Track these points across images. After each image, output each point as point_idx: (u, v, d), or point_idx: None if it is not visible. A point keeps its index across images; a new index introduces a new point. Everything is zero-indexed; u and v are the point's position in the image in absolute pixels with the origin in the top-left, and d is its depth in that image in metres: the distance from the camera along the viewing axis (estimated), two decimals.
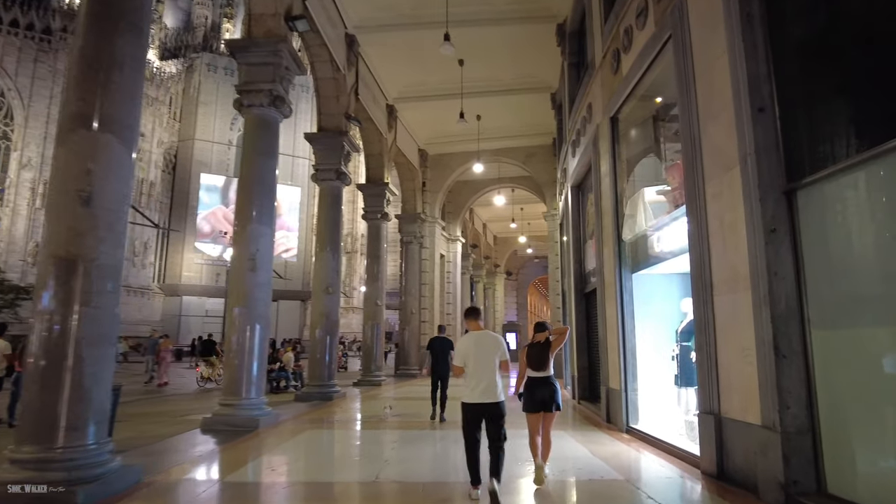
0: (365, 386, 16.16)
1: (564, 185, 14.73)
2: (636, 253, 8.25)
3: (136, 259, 47.22)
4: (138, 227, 47.04)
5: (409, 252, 21.25)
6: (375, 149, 17.59)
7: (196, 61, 57.61)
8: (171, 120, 54.41)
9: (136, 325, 44.22)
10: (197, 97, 56.02)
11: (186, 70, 57.27)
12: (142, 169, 47.98)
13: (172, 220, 53.04)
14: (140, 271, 47.78)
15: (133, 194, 40.12)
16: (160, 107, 51.42)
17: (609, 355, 9.19)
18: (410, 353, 20.55)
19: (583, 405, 11.59)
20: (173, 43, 64.88)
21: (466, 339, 5.08)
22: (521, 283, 46.13)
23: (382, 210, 17.41)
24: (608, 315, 9.24)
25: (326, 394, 12.60)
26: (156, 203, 49.68)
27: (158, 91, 51.17)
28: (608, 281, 9.23)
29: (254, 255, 9.01)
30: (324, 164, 13.64)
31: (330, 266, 13.13)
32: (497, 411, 4.83)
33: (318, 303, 13.09)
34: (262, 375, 9.10)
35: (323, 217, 13.50)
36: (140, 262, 47.80)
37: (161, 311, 51.16)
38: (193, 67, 57.36)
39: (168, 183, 54.52)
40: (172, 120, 54.75)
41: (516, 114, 19.71)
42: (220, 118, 55.95)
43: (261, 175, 9.44)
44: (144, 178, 48.25)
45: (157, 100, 50.83)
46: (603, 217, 9.60)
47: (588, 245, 12.00)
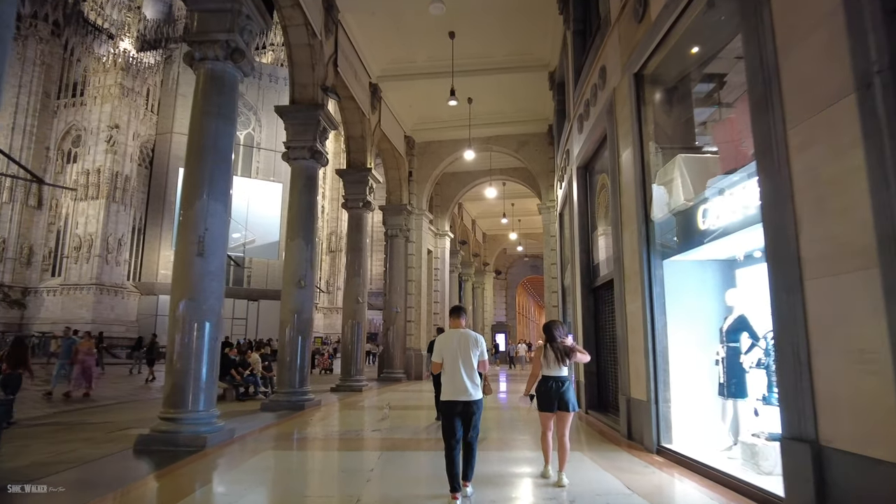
0: (344, 392, 14.58)
1: (566, 170, 13.26)
2: (670, 234, 6.75)
3: (109, 256, 45.19)
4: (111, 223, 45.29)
5: (395, 246, 19.67)
6: (357, 130, 16.02)
7: (175, 52, 55.48)
8: (149, 112, 52.32)
9: (110, 325, 42.32)
10: (176, 89, 53.92)
11: (165, 61, 55.16)
12: (116, 162, 45.95)
13: (149, 216, 51.01)
14: (113, 269, 45.71)
15: (109, 188, 38.02)
16: (136, 98, 49.33)
17: (631, 359, 7.70)
18: (395, 355, 18.97)
19: (592, 416, 10.10)
20: (153, 35, 62.76)
21: (446, 336, 5.14)
22: (510, 282, 44.72)
23: (365, 198, 15.83)
24: (630, 311, 7.75)
25: (297, 402, 11.01)
26: (131, 198, 47.58)
27: (135, 82, 49.10)
28: (630, 271, 7.74)
29: (202, 236, 7.41)
30: (296, 140, 12.06)
31: (302, 256, 11.54)
32: (473, 408, 4.89)
33: (289, 298, 11.49)
34: (212, 383, 7.51)
35: (295, 201, 11.90)
36: (113, 258, 45.73)
37: (136, 311, 49.12)
38: (172, 59, 55.17)
39: (145, 177, 52.43)
40: (150, 112, 52.66)
41: (510, 97, 18.23)
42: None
43: (214, 141, 7.85)
44: (119, 171, 46.19)
45: (133, 91, 48.76)
46: (622, 195, 8.12)
47: (598, 233, 10.52)
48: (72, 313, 43.20)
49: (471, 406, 4.86)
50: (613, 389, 9.68)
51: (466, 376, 4.88)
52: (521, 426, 9.61)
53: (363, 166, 15.94)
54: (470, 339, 5.04)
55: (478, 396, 4.91)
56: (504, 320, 41.08)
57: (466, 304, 32.45)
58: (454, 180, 24.24)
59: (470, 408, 4.86)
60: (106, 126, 46.27)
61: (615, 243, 8.32)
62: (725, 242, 5.75)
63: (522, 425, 9.65)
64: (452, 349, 4.97)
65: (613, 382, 9.61)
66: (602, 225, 10.20)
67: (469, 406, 4.86)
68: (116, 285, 45.94)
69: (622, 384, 8.01)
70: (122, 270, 47.22)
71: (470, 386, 4.87)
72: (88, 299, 43.99)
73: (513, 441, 8.30)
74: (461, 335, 5.06)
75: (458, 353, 4.94)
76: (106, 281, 44.83)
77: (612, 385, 9.74)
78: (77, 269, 44.36)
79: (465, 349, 4.96)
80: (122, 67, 47.84)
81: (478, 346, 5.03)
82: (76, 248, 44.55)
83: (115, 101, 46.95)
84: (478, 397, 4.91)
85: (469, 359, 4.93)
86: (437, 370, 5.08)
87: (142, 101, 50.60)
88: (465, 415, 4.86)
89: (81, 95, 49.60)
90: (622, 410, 7.87)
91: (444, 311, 23.84)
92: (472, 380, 4.90)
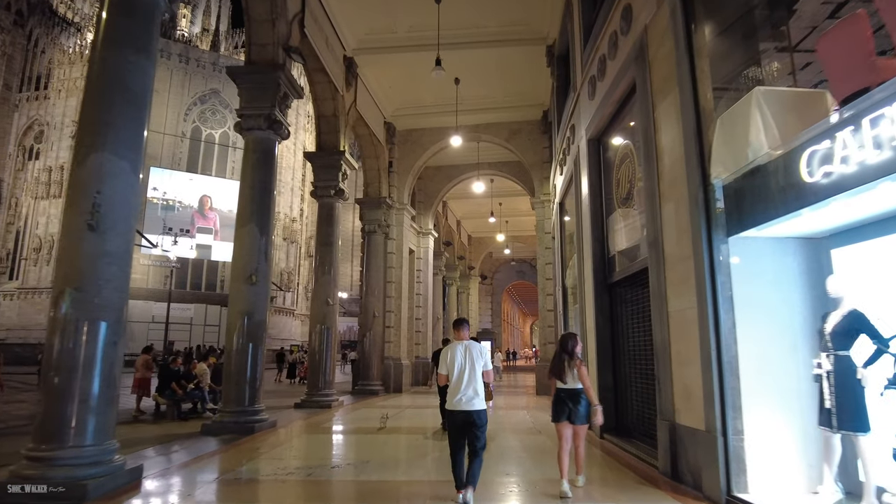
0: (309, 409, 12.50)
1: (569, 151, 11.40)
2: (745, 199, 4.85)
3: None
4: None
5: (373, 243, 17.63)
6: (328, 108, 14.03)
7: None
8: None
9: None
10: None
11: None
12: None
13: None
14: None
15: None
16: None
17: (676, 373, 5.81)
18: (372, 364, 16.89)
19: (609, 442, 8.17)
20: None
21: (451, 348, 5.13)
22: (495, 287, 42.84)
23: (337, 185, 13.81)
24: (674, 310, 5.87)
25: (246, 424, 8.96)
26: None
27: None
28: (674, 256, 5.87)
29: (96, 202, 5.39)
30: (251, 107, 10.08)
31: (255, 246, 9.52)
32: (478, 419, 4.88)
33: (237, 297, 9.45)
34: (107, 405, 5.44)
35: (248, 179, 9.89)
36: None
37: None
38: None
39: None
40: None
41: (501, 77, 16.39)
42: (173, 108, 51.51)
43: (121, 76, 5.84)
44: None
45: None
46: (661, 158, 6.25)
47: (616, 217, 8.64)
48: (29, 319, 40.54)
49: (475, 416, 4.88)
50: (637, 410, 7.80)
51: (471, 387, 4.92)
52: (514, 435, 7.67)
53: (335, 149, 13.95)
54: (474, 349, 5.09)
55: (482, 407, 4.94)
56: (490, 327, 39.12)
57: (450, 310, 30.47)
58: (439, 174, 22.32)
59: (474, 418, 4.87)
60: (71, 121, 43.67)
61: (650, 222, 6.42)
62: (843, 205, 3.87)
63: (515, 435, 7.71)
64: (457, 361, 5.02)
65: (639, 401, 7.72)
66: (622, 207, 8.32)
67: (473, 416, 4.87)
68: None
69: (662, 405, 6.09)
70: None
71: (474, 397, 4.91)
72: (47, 304, 41.11)
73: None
74: (465, 346, 5.10)
75: (464, 364, 4.99)
76: None
77: (637, 405, 7.85)
78: (36, 272, 41.71)
79: (469, 360, 5.01)
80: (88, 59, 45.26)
81: (482, 357, 5.09)
82: (36, 249, 41.92)
83: (81, 95, 44.08)
84: (482, 407, 4.94)
85: (474, 369, 4.98)
86: (444, 382, 5.13)
87: None
88: (469, 425, 4.87)
89: (45, 89, 46.99)
90: (663, 440, 5.95)
91: (427, 317, 21.92)
92: (476, 390, 4.93)
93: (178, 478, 6.14)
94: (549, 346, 17.02)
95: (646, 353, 7.39)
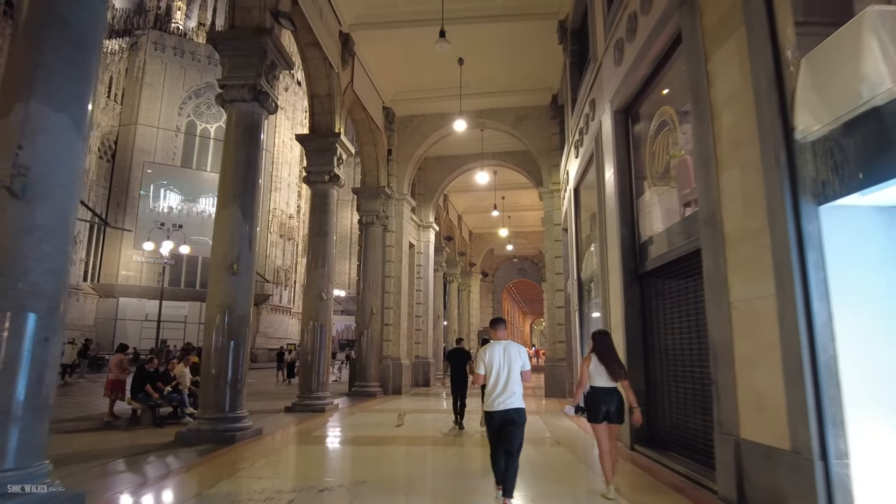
0: (300, 413, 11.40)
1: (590, 126, 10.32)
2: (847, 155, 3.76)
3: None
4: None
5: (370, 235, 16.54)
6: (322, 88, 12.93)
7: (141, 39, 51.91)
8: (112, 102, 48.60)
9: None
10: (141, 78, 50.24)
11: (130, 48, 51.46)
12: None
13: (110, 212, 47.25)
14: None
15: None
16: (97, 84, 45.39)
17: (743, 377, 4.73)
18: (369, 364, 15.80)
19: (641, 454, 7.10)
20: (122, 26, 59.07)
21: (490, 347, 5.06)
22: (496, 285, 41.71)
23: (332, 170, 12.70)
24: (737, 298, 4.79)
25: (226, 433, 7.88)
26: (88, 192, 43.72)
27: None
28: (738, 233, 4.80)
29: (19, 163, 4.29)
30: (234, 77, 8.98)
31: (237, 230, 8.42)
32: (518, 417, 4.84)
33: (217, 289, 8.36)
34: (37, 419, 4.34)
35: (230, 156, 8.78)
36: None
37: (94, 314, 45.35)
38: (139, 45, 51.60)
39: (106, 171, 48.62)
40: (113, 102, 48.94)
41: (508, 58, 15.27)
42: (167, 102, 50.38)
43: (57, 11, 4.73)
44: None
45: None
46: (717, 118, 5.17)
47: (648, 196, 7.56)
48: None
49: (514, 414, 4.84)
50: (677, 419, 6.74)
51: (510, 387, 4.88)
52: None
53: (330, 131, 12.84)
54: (513, 349, 5.03)
55: (520, 405, 4.87)
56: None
57: (451, 308, 29.39)
58: (440, 165, 21.23)
59: (513, 416, 4.83)
60: None
61: (705, 195, 5.33)
62: None
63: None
64: (496, 360, 4.95)
65: (679, 409, 6.65)
66: (657, 185, 7.23)
67: (512, 414, 4.83)
68: (70, 286, 41.73)
69: (722, 416, 5.00)
70: (78, 270, 43.32)
71: (513, 396, 4.87)
72: None
73: None
74: (504, 346, 5.04)
75: (503, 363, 4.93)
76: None
77: (676, 412, 6.78)
78: None
79: (508, 360, 4.93)
80: None
81: (520, 357, 5.00)
82: None
83: None
84: (520, 406, 4.87)
85: (512, 369, 4.92)
86: (482, 382, 5.11)
87: (103, 88, 46.83)
88: (508, 423, 4.83)
89: None
90: (724, 459, 4.86)
91: (428, 314, 20.83)
92: (515, 390, 4.90)
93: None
94: (558, 346, 15.93)
95: (689, 353, 6.33)
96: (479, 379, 5.10)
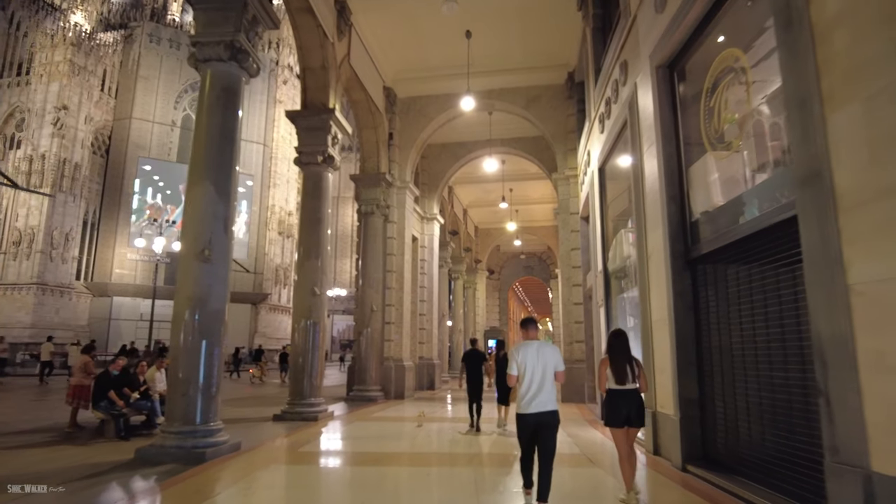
0: (291, 421, 10.13)
1: (620, 92, 9.02)
2: None
3: (53, 252, 40.08)
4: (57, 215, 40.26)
5: (370, 226, 15.23)
6: (316, 59, 11.63)
7: (136, 31, 50.60)
8: (106, 95, 47.31)
9: (53, 330, 37.01)
10: (136, 71, 48.93)
11: (125, 40, 50.12)
12: (64, 148, 40.93)
13: (104, 209, 46.02)
14: (59, 266, 40.54)
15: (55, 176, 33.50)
16: (90, 78, 44.20)
17: (873, 386, 3.42)
18: (369, 366, 14.50)
19: (696, 477, 5.79)
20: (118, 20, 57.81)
21: (522, 347, 4.90)
22: (502, 283, 40.37)
23: (325, 151, 11.40)
24: (860, 280, 3.50)
25: (195, 449, 6.59)
26: (81, 188, 42.46)
27: (87, 60, 44.01)
28: (856, 192, 3.53)
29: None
30: (208, 33, 7.72)
31: (210, 210, 7.13)
32: (552, 420, 4.70)
33: (187, 277, 7.07)
34: None
35: (202, 124, 7.51)
36: (59, 255, 40.56)
37: (88, 314, 44.10)
38: (133, 37, 50.27)
39: (100, 167, 47.37)
40: (107, 96, 47.66)
41: (520, 31, 13.98)
42: (163, 95, 49.07)
43: None
44: (68, 158, 41.12)
45: (85, 69, 43.68)
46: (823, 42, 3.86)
47: (703, 164, 6.26)
48: (8, 316, 38.10)
49: (549, 417, 4.68)
50: (749, 435, 5.41)
51: (544, 388, 4.71)
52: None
53: (324, 107, 11.55)
54: (547, 349, 4.87)
55: (554, 407, 4.72)
56: (497, 325, 36.63)
57: (456, 306, 28.08)
58: (445, 153, 19.94)
59: (548, 418, 4.68)
60: (53, 107, 41.22)
61: (802, 144, 4.01)
62: None
63: None
64: (529, 361, 4.76)
65: (751, 422, 5.33)
66: (717, 150, 5.92)
67: (547, 417, 4.67)
68: (62, 285, 40.77)
69: (838, 440, 3.68)
70: (70, 269, 42.07)
71: (547, 398, 4.69)
72: (28, 300, 38.85)
73: None
74: (537, 346, 4.87)
75: (536, 364, 4.75)
76: (49, 280, 39.76)
77: (741, 426, 5.46)
78: (16, 267, 39.21)
79: (542, 360, 4.77)
80: (72, 43, 42.83)
81: (556, 358, 4.87)
82: (15, 242, 39.41)
83: (63, 80, 41.88)
84: (554, 408, 4.71)
85: (546, 370, 4.75)
86: (513, 383, 4.90)
87: (96, 81, 45.48)
88: (542, 426, 4.67)
89: (27, 74, 44.46)
90: (847, 498, 3.56)
91: (433, 312, 19.52)
92: (550, 391, 4.73)
93: None
94: (575, 346, 14.63)
95: (766, 353, 5.02)
96: (511, 380, 4.88)
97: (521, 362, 4.76)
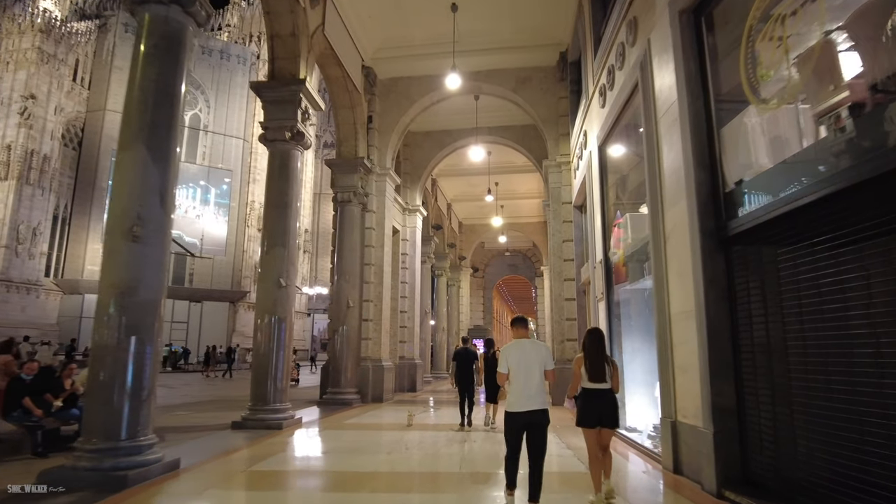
0: (252, 430, 8.89)
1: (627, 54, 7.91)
2: None
3: (19, 247, 38.31)
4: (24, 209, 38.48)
5: (346, 215, 13.99)
6: (285, 26, 10.39)
7: (111, 20, 48.79)
8: (78, 86, 45.50)
9: (17, 329, 35.21)
10: (111, 61, 47.15)
11: (99, 30, 48.31)
12: (32, 139, 39.14)
13: (76, 204, 44.26)
14: (25, 262, 38.77)
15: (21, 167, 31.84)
16: (60, 66, 42.42)
17: None
18: (345, 366, 13.27)
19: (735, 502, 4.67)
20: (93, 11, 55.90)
21: (513, 346, 4.88)
22: (487, 282, 39.26)
23: (294, 127, 10.17)
24: None
25: (115, 472, 5.34)
26: (51, 181, 40.68)
27: (58, 48, 42.22)
28: None
29: None
30: None
31: (141, 180, 5.89)
32: (542, 419, 4.64)
33: (112, 261, 5.82)
34: None
35: (136, 76, 6.34)
36: (26, 250, 38.79)
37: (58, 312, 42.28)
38: (108, 27, 48.51)
39: (72, 160, 45.54)
40: (80, 87, 45.86)
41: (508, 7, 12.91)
42: None
43: None
44: (35, 149, 39.34)
45: (55, 58, 41.87)
46: None
47: (739, 124, 5.14)
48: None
49: (539, 416, 4.61)
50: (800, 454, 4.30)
51: (534, 387, 4.67)
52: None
53: (293, 77, 10.32)
54: (538, 348, 4.86)
55: (545, 406, 4.65)
56: (482, 324, 35.52)
57: (440, 304, 26.88)
58: (428, 141, 18.78)
59: (538, 417, 4.61)
60: (20, 96, 39.42)
61: None
62: None
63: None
64: (521, 359, 4.75)
65: (809, 440, 4.21)
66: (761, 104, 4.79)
67: (537, 415, 4.61)
68: (29, 282, 39.02)
69: None
70: (38, 265, 40.32)
71: (537, 396, 4.65)
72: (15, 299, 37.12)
73: None
74: (528, 345, 4.86)
75: (529, 362, 4.73)
76: (15, 276, 38.00)
77: (798, 445, 4.35)
78: None
79: (532, 359, 4.74)
80: (41, 29, 41.02)
81: (545, 356, 4.83)
82: None
83: (31, 68, 40.13)
84: (545, 406, 4.65)
85: (540, 368, 4.74)
86: (504, 381, 4.91)
87: (68, 71, 43.75)
88: (532, 426, 4.61)
89: None
90: None
91: (415, 309, 18.33)
92: (540, 390, 4.70)
93: None
94: (567, 344, 13.52)
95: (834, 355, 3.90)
96: (501, 378, 4.88)
97: (511, 361, 4.73)
